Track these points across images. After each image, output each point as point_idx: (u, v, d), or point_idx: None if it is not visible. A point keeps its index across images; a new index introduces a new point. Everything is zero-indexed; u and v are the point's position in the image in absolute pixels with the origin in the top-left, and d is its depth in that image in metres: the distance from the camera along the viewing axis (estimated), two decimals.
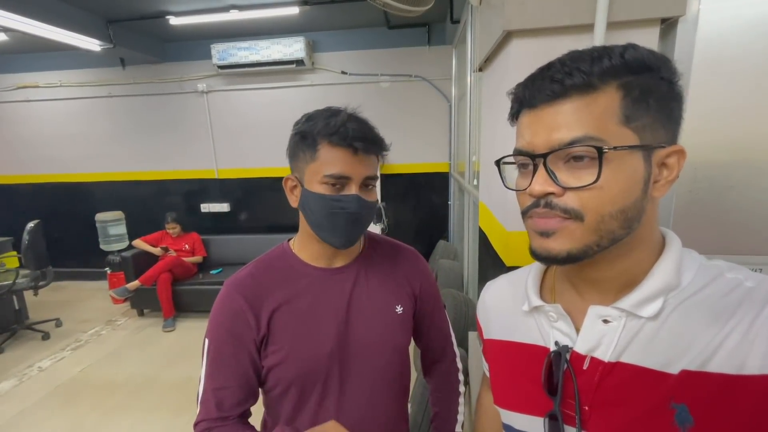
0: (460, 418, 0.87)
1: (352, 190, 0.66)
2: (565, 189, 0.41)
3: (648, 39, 0.90)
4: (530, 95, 0.43)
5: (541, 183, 0.42)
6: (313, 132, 0.66)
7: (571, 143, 0.40)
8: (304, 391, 0.73)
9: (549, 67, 0.43)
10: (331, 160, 0.65)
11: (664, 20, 0.91)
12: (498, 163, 0.51)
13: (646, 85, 0.40)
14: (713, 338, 0.39)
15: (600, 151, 0.39)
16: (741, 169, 0.97)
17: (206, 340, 0.73)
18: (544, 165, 0.42)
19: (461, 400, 0.88)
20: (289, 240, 0.80)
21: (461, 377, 0.90)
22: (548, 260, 0.44)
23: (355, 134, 0.64)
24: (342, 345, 0.73)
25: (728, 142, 0.96)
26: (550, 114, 0.42)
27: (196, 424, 0.70)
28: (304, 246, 0.76)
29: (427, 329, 0.87)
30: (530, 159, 0.43)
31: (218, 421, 0.69)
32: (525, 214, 0.46)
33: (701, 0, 0.89)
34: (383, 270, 0.80)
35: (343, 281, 0.76)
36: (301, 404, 0.74)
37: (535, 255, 0.46)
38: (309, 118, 0.69)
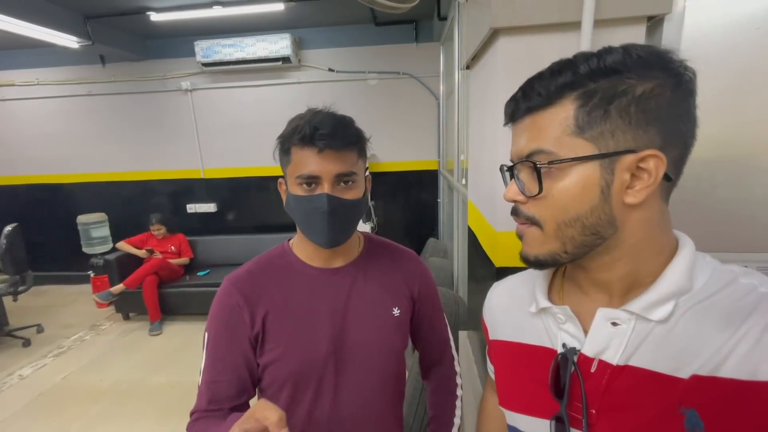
0: (457, 421, 0.87)
1: (324, 189, 0.66)
2: (528, 198, 0.46)
3: (634, 36, 0.90)
4: (507, 113, 0.48)
5: (509, 191, 0.47)
6: (285, 135, 0.68)
7: (528, 156, 0.44)
8: (298, 390, 0.73)
9: (522, 86, 0.46)
10: (300, 161, 0.66)
11: (650, 18, 0.91)
12: (501, 169, 0.54)
13: (608, 91, 0.40)
14: (725, 343, 0.39)
15: (535, 166, 0.43)
16: (726, 167, 0.98)
17: (206, 334, 0.75)
18: (511, 174, 0.47)
19: (458, 403, 0.89)
20: (289, 240, 0.81)
21: (459, 381, 0.90)
22: (526, 263, 0.49)
23: (318, 133, 0.64)
24: (337, 346, 0.73)
25: (715, 140, 0.97)
26: (520, 128, 0.46)
27: (191, 414, 0.73)
28: (302, 246, 0.78)
29: (426, 332, 0.87)
30: (508, 169, 0.48)
31: (209, 412, 0.71)
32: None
33: None
34: (381, 272, 0.80)
35: (341, 282, 0.76)
36: (295, 403, 0.74)
37: (521, 257, 0.50)
38: (289, 122, 0.70)
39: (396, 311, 0.78)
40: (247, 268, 0.77)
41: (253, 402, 0.76)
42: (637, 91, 0.39)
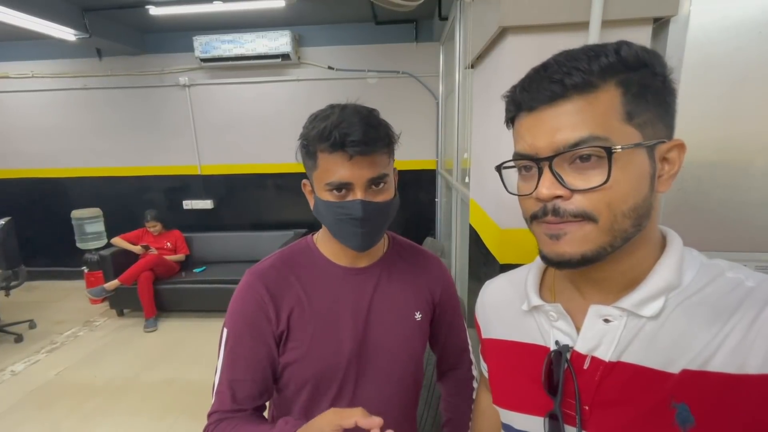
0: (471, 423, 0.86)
1: (357, 195, 0.63)
2: (573, 191, 0.41)
3: (640, 38, 0.91)
4: (529, 97, 0.42)
5: (548, 186, 0.41)
6: (309, 139, 0.64)
7: (577, 144, 0.39)
8: (317, 392, 0.72)
9: (545, 67, 0.42)
10: (329, 168, 0.63)
11: (656, 20, 0.92)
12: (499, 168, 0.49)
13: (643, 81, 0.40)
14: (714, 338, 0.39)
15: (609, 151, 0.38)
16: (727, 170, 0.99)
17: (224, 330, 0.71)
18: (550, 168, 0.41)
19: (474, 406, 0.88)
20: (312, 234, 0.79)
21: (475, 385, 0.89)
22: (561, 264, 0.43)
23: (347, 138, 0.59)
24: (360, 348, 0.72)
25: (715, 143, 0.98)
26: (552, 115, 0.41)
27: (210, 414, 0.69)
28: (327, 243, 0.75)
29: (445, 337, 0.86)
30: (534, 163, 0.43)
31: (231, 413, 0.68)
32: (533, 219, 0.45)
33: (692, 0, 0.91)
34: (405, 275, 0.78)
35: (365, 282, 0.74)
36: (314, 405, 0.72)
37: (548, 260, 0.45)
38: (311, 120, 0.66)
39: (418, 315, 0.77)
40: (270, 262, 0.74)
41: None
42: (666, 83, 0.41)
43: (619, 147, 0.39)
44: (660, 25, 0.93)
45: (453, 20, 2.43)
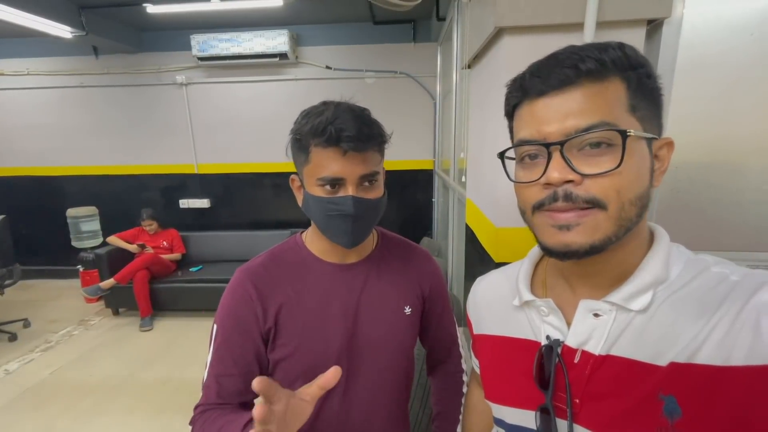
0: (461, 418, 0.87)
1: (348, 191, 0.64)
2: (584, 176, 0.41)
3: (635, 39, 0.92)
4: (540, 82, 0.42)
5: (559, 170, 0.41)
6: (303, 133, 0.64)
7: (588, 129, 0.40)
8: None
9: (556, 55, 0.42)
10: (321, 163, 0.63)
11: (650, 21, 0.93)
12: (502, 156, 0.49)
13: (641, 79, 0.41)
14: (700, 331, 0.40)
15: (624, 134, 0.39)
16: (719, 170, 1.00)
17: (215, 326, 0.73)
18: (561, 152, 0.41)
19: (464, 400, 0.88)
20: (301, 233, 0.80)
21: (465, 378, 0.90)
22: (567, 255, 0.43)
23: (342, 133, 0.60)
24: (350, 343, 0.73)
25: (708, 143, 0.99)
26: (561, 101, 0.41)
27: (195, 408, 0.70)
28: (316, 241, 0.76)
29: (434, 330, 0.87)
30: (544, 148, 0.42)
31: (216, 406, 0.69)
32: (538, 208, 0.44)
33: (685, 3, 0.92)
34: (394, 270, 0.79)
35: (354, 278, 0.75)
36: None
37: (551, 251, 0.44)
38: (303, 116, 0.66)
39: (408, 310, 0.78)
40: (260, 261, 0.75)
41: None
42: (658, 84, 0.43)
43: (632, 132, 0.40)
44: (654, 26, 0.94)
45: (450, 21, 2.44)
